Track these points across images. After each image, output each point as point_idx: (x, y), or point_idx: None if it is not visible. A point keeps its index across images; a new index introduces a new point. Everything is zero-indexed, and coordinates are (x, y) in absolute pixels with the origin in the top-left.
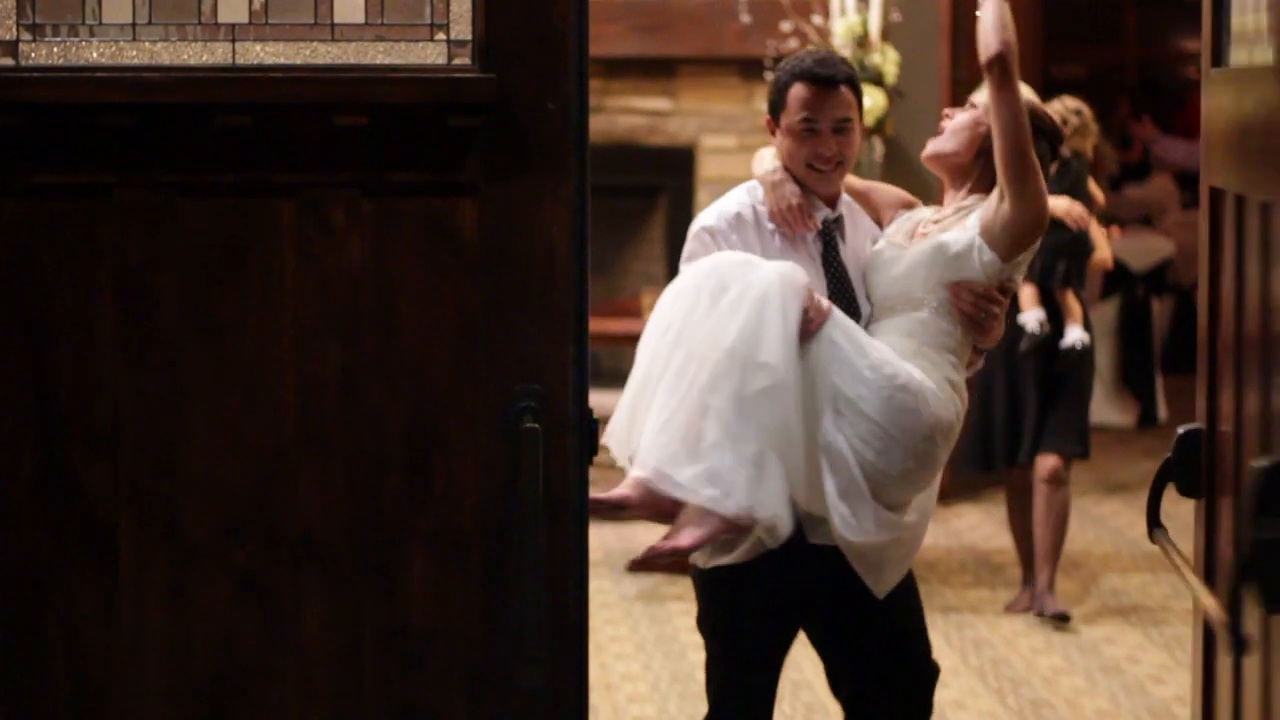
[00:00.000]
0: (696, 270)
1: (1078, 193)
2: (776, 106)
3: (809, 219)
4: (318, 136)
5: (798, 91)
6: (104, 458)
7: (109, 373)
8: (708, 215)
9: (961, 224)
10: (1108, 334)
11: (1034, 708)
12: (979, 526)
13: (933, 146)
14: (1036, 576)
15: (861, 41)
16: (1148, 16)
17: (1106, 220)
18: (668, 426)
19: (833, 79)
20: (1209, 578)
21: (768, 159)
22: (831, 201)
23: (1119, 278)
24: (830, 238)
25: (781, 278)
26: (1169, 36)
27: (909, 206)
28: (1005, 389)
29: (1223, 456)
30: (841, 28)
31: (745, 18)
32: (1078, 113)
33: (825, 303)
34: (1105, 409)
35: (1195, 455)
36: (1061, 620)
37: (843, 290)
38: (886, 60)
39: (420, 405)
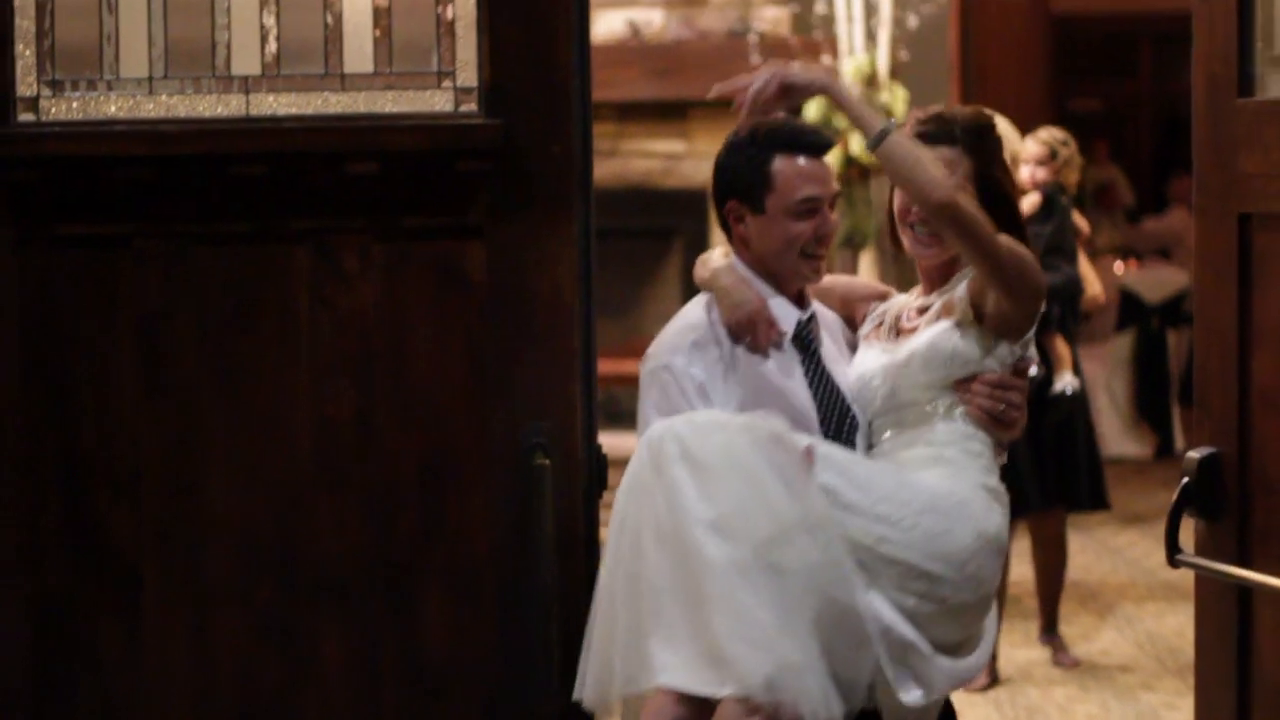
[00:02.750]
0: (653, 451)
1: (1064, 226)
2: (756, 189)
3: (775, 326)
4: (330, 183)
5: (791, 165)
6: (127, 500)
7: (130, 417)
8: (663, 348)
9: (949, 313)
10: (1124, 365)
11: None
12: None
13: (920, 252)
14: (1040, 617)
15: (870, 80)
16: (1163, 51)
17: (1124, 253)
18: (691, 637)
19: (826, 145)
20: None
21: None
22: (802, 300)
23: (1135, 310)
24: (808, 343)
25: (751, 435)
26: (1186, 71)
27: (883, 297)
28: None
29: (1266, 476)
30: (850, 67)
31: (756, 59)
32: (1065, 144)
33: (803, 442)
34: (1122, 441)
35: (1216, 478)
36: (1075, 665)
37: (832, 403)
38: (895, 99)
39: (433, 443)
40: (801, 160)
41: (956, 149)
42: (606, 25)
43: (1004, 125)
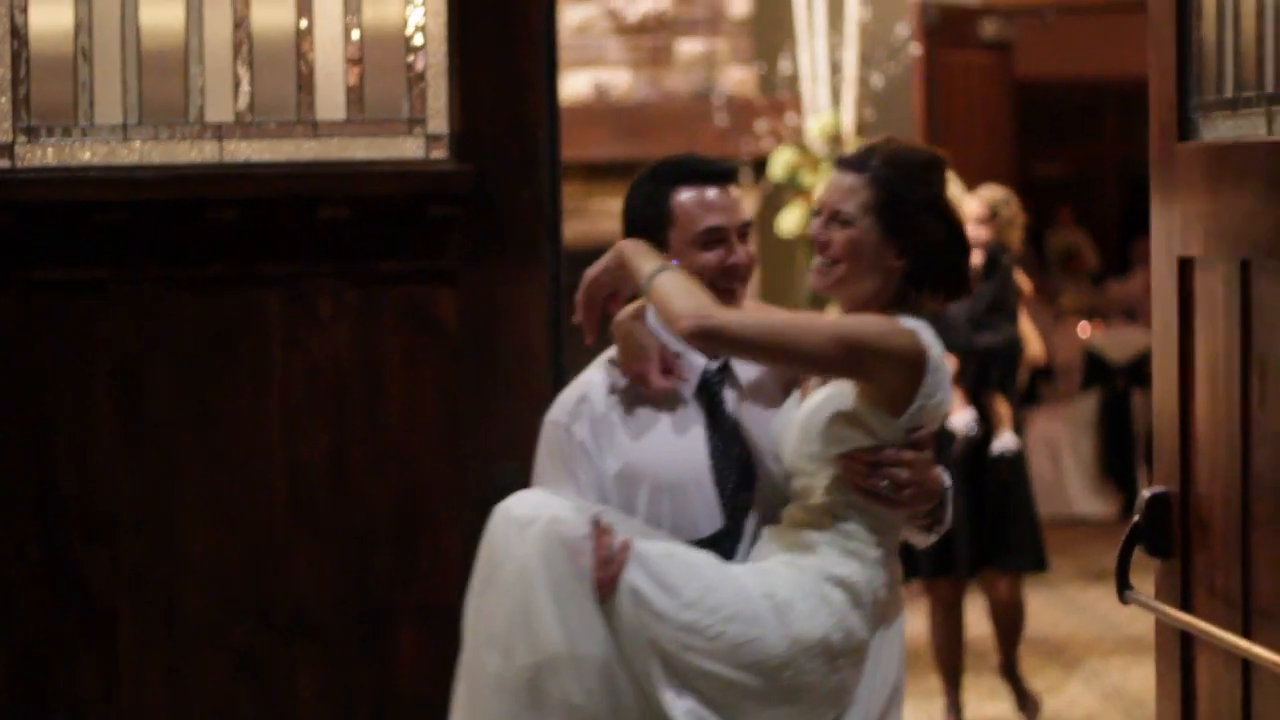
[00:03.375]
0: (482, 548)
1: (1005, 285)
2: (657, 225)
3: (670, 373)
4: (303, 229)
5: (691, 197)
6: (103, 542)
7: (106, 460)
8: (555, 404)
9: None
10: (1089, 426)
11: None
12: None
13: (817, 283)
14: (1005, 679)
15: (836, 139)
16: (1127, 116)
17: (1089, 314)
18: None
19: (730, 172)
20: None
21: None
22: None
23: (1100, 370)
24: (713, 394)
25: (545, 542)
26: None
27: None
28: None
29: (1200, 516)
30: (815, 125)
31: (722, 119)
32: (1006, 203)
33: (618, 542)
34: (1088, 500)
35: (1164, 517)
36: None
37: (731, 463)
38: None
39: (406, 484)
40: (702, 191)
41: (861, 177)
42: (573, 87)
43: (950, 183)
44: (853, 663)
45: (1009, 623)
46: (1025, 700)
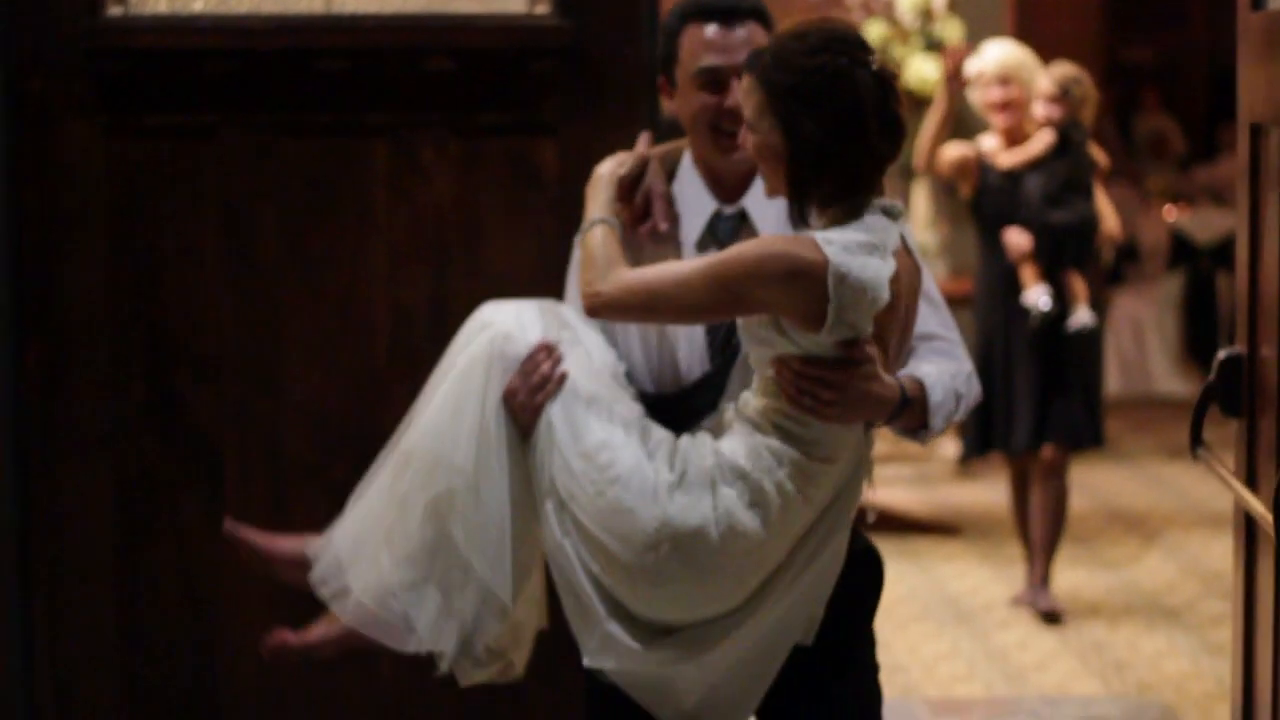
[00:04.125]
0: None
1: (1079, 162)
2: (668, 62)
3: (663, 215)
4: (408, 79)
5: (695, 34)
6: (210, 381)
7: (214, 301)
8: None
9: None
10: (1174, 306)
11: (1095, 648)
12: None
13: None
14: (1033, 568)
15: (927, 13)
16: (1215, 1)
17: (1175, 197)
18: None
19: (734, 10)
20: (1250, 485)
21: None
22: (731, 190)
23: (1185, 251)
24: (720, 240)
25: (478, 349)
26: (1235, 21)
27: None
28: (1003, 372)
29: (1264, 378)
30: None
31: None
32: (1077, 82)
33: (560, 370)
34: (1171, 379)
35: (1237, 378)
36: (1051, 619)
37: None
38: (951, 32)
39: None
40: (707, 29)
41: (751, 78)
42: None
43: (1024, 57)
44: (736, 560)
45: (1050, 504)
46: (1046, 606)
